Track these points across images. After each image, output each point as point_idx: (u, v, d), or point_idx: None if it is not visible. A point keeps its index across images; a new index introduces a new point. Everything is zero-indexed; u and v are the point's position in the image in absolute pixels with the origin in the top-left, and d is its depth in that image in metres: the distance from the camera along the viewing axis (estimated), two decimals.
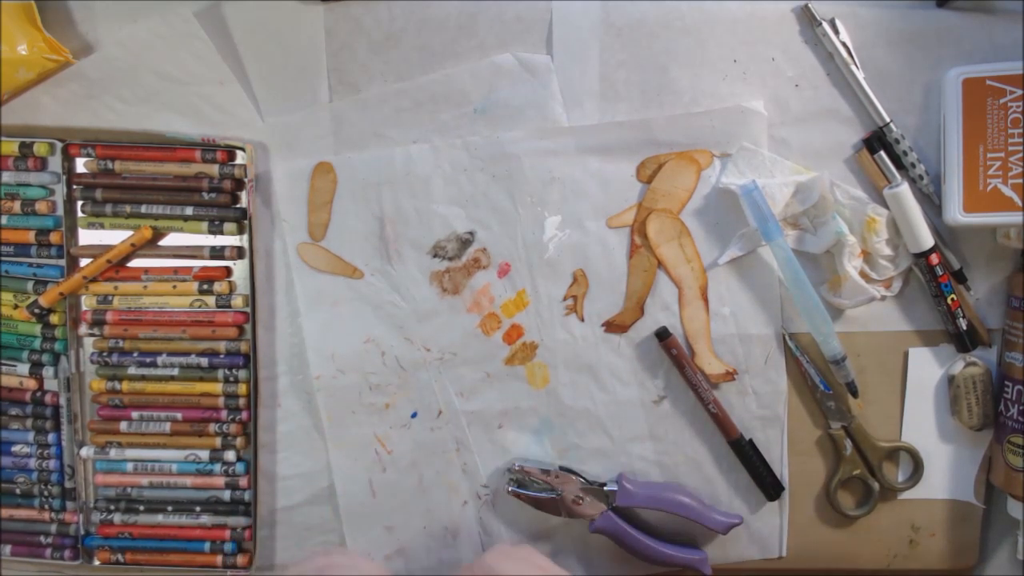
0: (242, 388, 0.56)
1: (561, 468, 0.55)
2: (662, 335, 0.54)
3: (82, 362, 0.57)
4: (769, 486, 0.55)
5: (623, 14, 0.53)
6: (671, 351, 0.54)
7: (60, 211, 0.55)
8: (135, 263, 0.56)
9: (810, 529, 0.57)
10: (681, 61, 0.53)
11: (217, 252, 0.55)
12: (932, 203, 0.53)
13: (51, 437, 0.57)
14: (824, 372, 0.55)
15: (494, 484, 0.57)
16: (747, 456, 0.55)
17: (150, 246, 0.56)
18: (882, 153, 0.52)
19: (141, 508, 0.58)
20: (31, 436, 0.57)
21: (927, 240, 0.51)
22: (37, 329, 0.56)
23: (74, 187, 0.55)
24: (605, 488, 0.55)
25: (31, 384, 0.57)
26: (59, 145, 0.55)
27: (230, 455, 0.57)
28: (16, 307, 0.56)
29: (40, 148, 0.54)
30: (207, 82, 0.54)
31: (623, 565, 0.57)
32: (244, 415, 0.56)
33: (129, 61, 0.54)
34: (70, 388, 0.57)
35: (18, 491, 0.58)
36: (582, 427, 0.56)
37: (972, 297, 0.54)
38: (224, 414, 0.56)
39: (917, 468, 0.55)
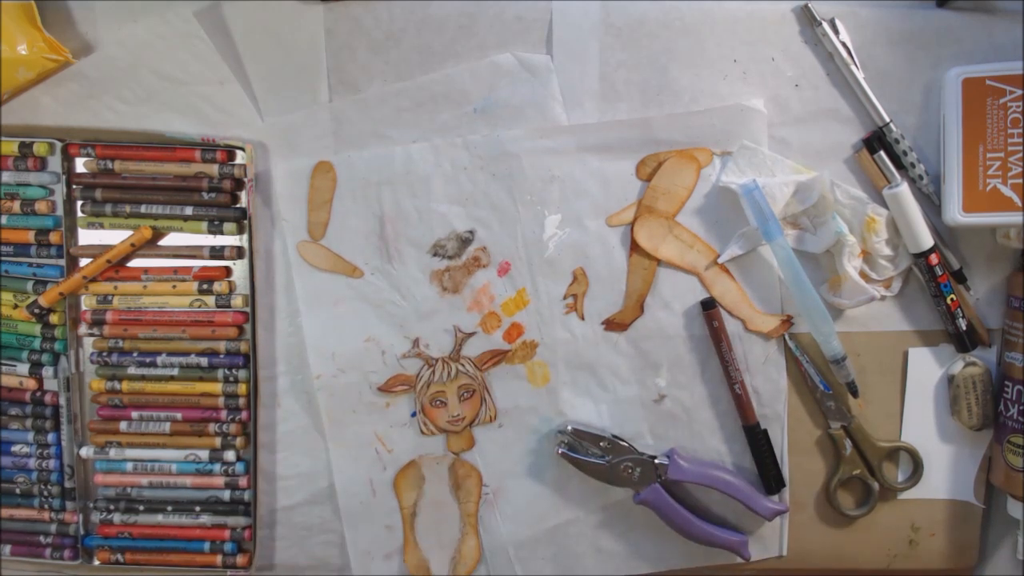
0: (242, 388, 0.56)
1: (613, 436, 0.55)
2: (708, 304, 0.54)
3: (82, 362, 0.57)
4: (772, 479, 0.55)
5: (623, 14, 0.53)
6: (712, 323, 0.54)
7: (60, 211, 0.55)
8: (135, 263, 0.56)
9: (810, 529, 0.57)
10: (681, 61, 0.53)
11: (217, 252, 0.55)
12: (932, 203, 0.53)
13: (51, 437, 0.57)
14: (824, 372, 0.55)
15: (494, 483, 0.57)
16: (759, 445, 0.55)
17: (150, 246, 0.56)
18: (882, 153, 0.52)
19: (141, 508, 0.58)
20: (31, 436, 0.57)
21: (927, 240, 0.51)
22: (37, 329, 0.56)
23: (74, 187, 0.55)
24: (656, 461, 0.54)
25: (31, 384, 0.56)
26: (59, 145, 0.55)
27: (230, 455, 0.56)
28: (16, 307, 0.56)
29: (40, 148, 0.54)
30: (207, 82, 0.54)
31: (661, 540, 0.56)
32: (244, 415, 0.56)
33: (129, 61, 0.54)
34: (70, 388, 0.57)
35: (18, 491, 0.58)
36: None
37: (972, 297, 0.54)
38: (224, 414, 0.56)
39: (917, 468, 0.55)
